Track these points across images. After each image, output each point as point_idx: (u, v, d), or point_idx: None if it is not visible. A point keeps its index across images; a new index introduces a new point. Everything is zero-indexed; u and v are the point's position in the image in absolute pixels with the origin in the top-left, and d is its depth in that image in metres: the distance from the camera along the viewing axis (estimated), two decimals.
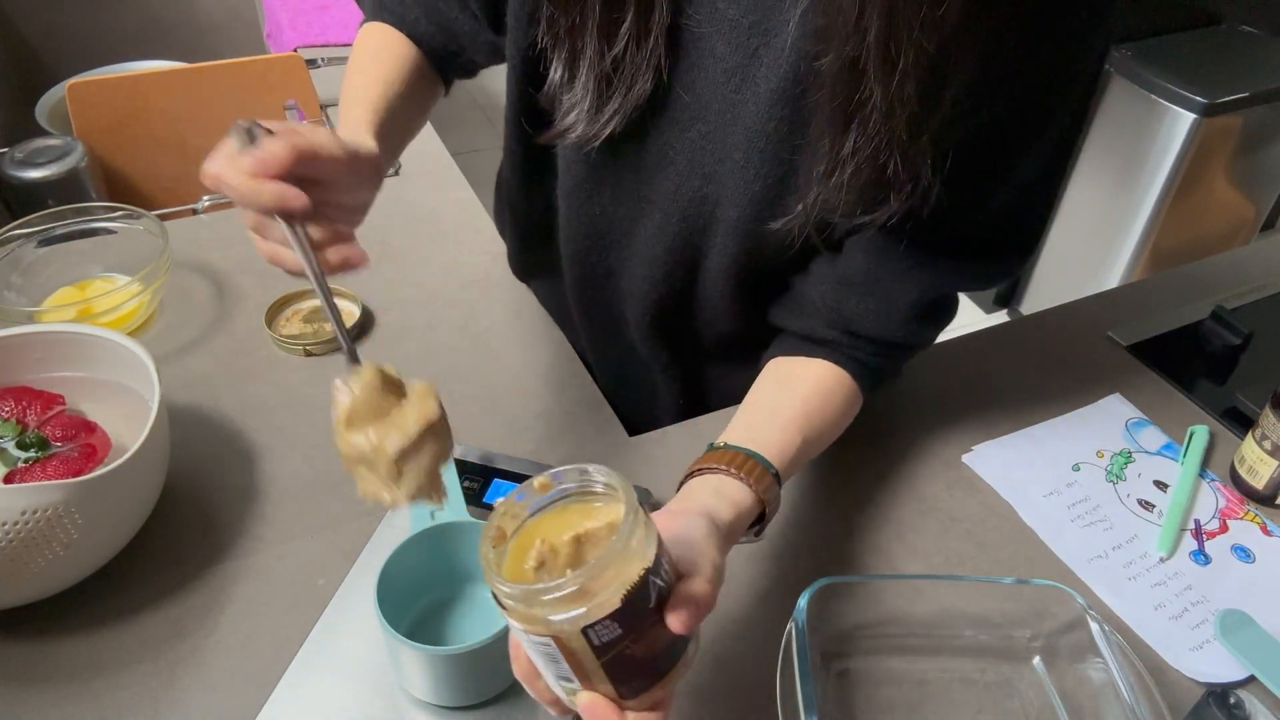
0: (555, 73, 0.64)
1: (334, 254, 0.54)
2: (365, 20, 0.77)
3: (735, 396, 0.85)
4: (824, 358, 0.68)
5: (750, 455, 0.58)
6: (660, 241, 0.72)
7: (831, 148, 0.57)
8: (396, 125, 0.68)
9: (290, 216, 0.51)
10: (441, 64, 0.77)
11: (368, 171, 0.59)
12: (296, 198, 0.50)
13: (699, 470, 0.58)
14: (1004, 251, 0.67)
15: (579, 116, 0.64)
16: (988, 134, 0.58)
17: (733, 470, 0.57)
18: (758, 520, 0.58)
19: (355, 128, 0.63)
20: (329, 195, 0.54)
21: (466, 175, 1.17)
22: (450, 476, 0.65)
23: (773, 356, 0.70)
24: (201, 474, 0.75)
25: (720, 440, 0.61)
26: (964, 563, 0.72)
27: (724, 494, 0.56)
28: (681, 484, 0.59)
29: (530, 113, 0.70)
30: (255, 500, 0.73)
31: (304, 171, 0.51)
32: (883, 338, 0.67)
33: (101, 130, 1.48)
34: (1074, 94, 0.59)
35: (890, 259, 0.64)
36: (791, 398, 0.66)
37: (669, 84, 0.64)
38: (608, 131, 0.64)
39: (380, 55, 0.72)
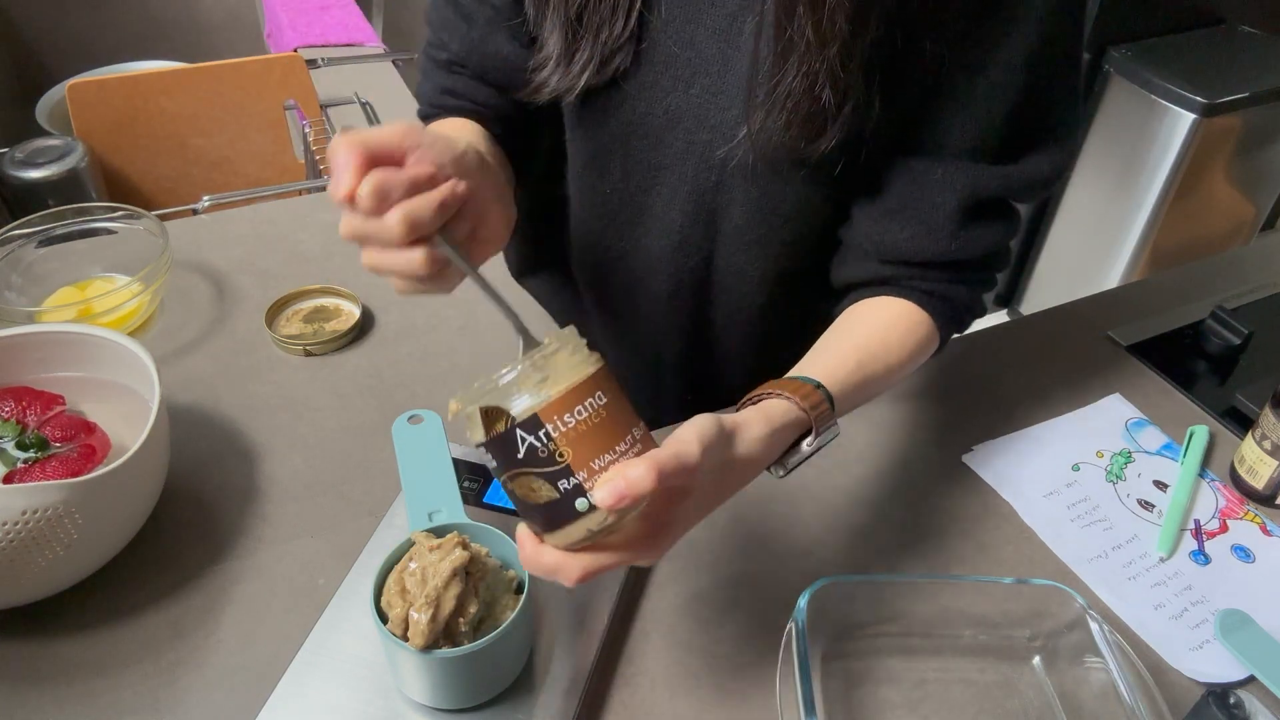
0: (531, 26, 0.66)
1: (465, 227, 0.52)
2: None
3: (742, 394, 0.86)
4: (888, 294, 0.68)
5: (793, 378, 0.58)
6: (676, 206, 0.72)
7: (772, 80, 0.59)
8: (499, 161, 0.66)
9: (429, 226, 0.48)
10: (511, 130, 0.74)
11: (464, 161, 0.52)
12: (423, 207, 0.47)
13: (741, 404, 0.59)
14: (1042, 148, 0.65)
15: (551, 68, 0.66)
16: (956, 45, 0.60)
17: (772, 392, 0.57)
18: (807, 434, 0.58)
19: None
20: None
21: None
22: (449, 478, 0.66)
23: (841, 311, 0.70)
24: (201, 474, 0.75)
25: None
26: (964, 563, 0.72)
27: (759, 408, 0.55)
28: None
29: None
30: (255, 500, 0.74)
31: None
32: (938, 257, 0.66)
33: (101, 130, 1.48)
34: None
35: (922, 177, 0.65)
36: (847, 332, 0.66)
37: (668, 42, 0.65)
38: (581, 83, 0.65)
39: (459, 126, 0.71)
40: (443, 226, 0.49)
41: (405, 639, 0.53)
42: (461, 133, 0.69)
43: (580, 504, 0.44)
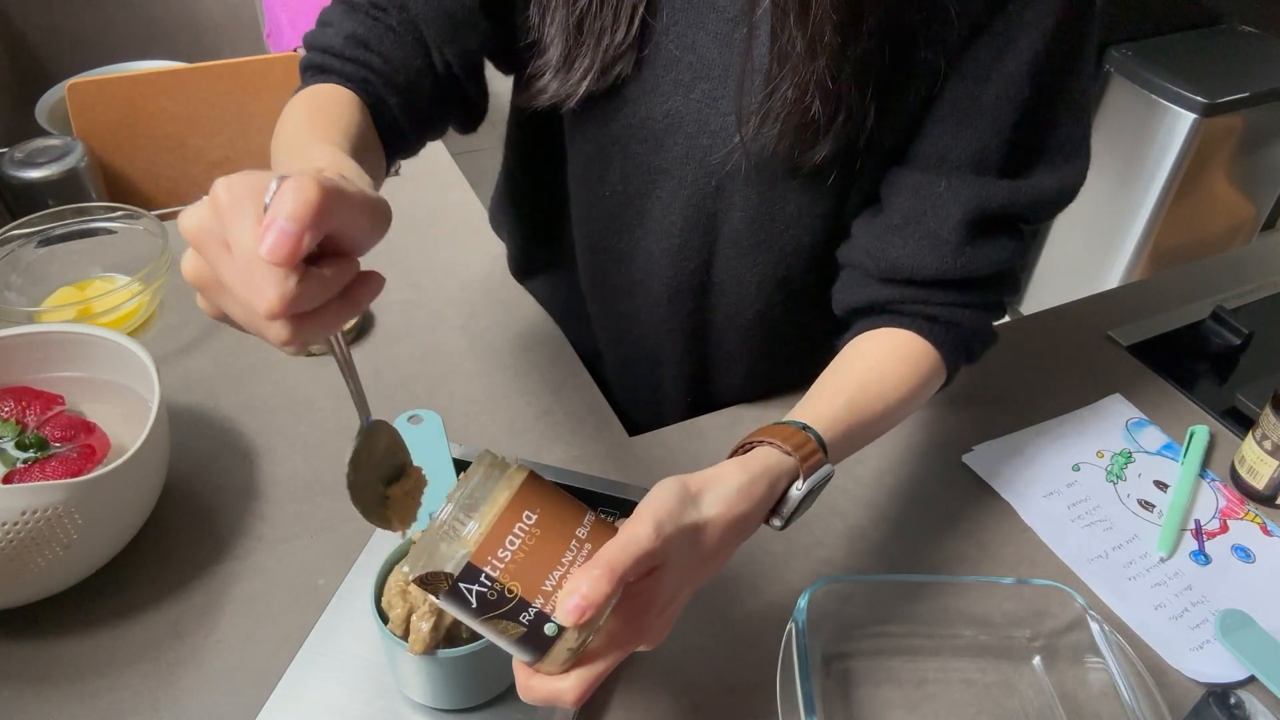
0: (532, 34, 0.65)
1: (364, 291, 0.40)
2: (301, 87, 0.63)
3: (742, 395, 0.86)
4: (890, 325, 0.65)
5: (779, 423, 0.55)
6: (675, 210, 0.72)
7: (766, 88, 0.59)
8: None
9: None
10: (400, 110, 0.63)
11: (385, 221, 0.42)
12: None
13: (730, 455, 0.55)
14: (1049, 165, 0.64)
15: (550, 75, 0.65)
16: (955, 56, 0.59)
17: (755, 441, 0.54)
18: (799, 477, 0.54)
19: (345, 164, 0.46)
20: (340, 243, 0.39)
21: (466, 175, 1.17)
22: (449, 477, 0.66)
23: (842, 345, 0.67)
24: (201, 474, 0.75)
25: None
26: (964, 563, 0.72)
27: (736, 459, 0.52)
28: None
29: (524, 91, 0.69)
30: (255, 500, 0.73)
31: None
32: (942, 274, 0.63)
33: (101, 130, 1.48)
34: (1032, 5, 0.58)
35: (926, 190, 0.63)
36: (841, 370, 0.63)
37: (670, 46, 0.64)
38: (581, 90, 0.64)
39: (334, 107, 0.58)
40: None
41: (406, 639, 0.53)
42: (343, 120, 0.56)
43: (549, 629, 0.43)
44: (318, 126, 0.54)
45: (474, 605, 0.43)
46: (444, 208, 1.11)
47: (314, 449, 0.78)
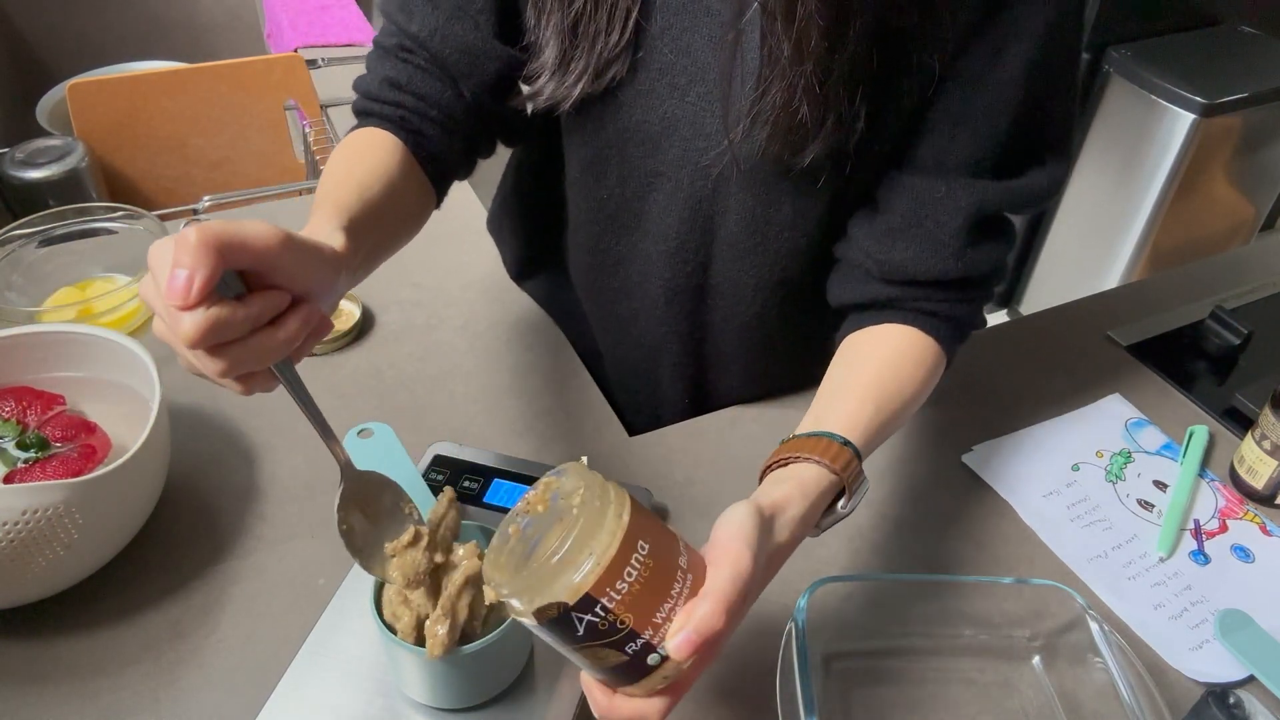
0: (529, 36, 0.66)
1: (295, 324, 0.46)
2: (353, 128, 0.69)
3: (740, 396, 0.86)
4: (891, 321, 0.66)
5: (818, 435, 0.56)
6: (672, 213, 0.72)
7: (757, 91, 0.60)
8: (373, 225, 0.58)
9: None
10: (437, 147, 0.68)
11: (321, 263, 0.49)
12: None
13: (769, 467, 0.57)
14: (1041, 161, 0.65)
15: (546, 77, 0.66)
16: (950, 59, 0.60)
17: (801, 456, 0.55)
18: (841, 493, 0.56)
19: (319, 225, 0.53)
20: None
21: None
22: (418, 485, 0.66)
23: (843, 338, 0.68)
24: (201, 474, 0.75)
25: (790, 436, 0.60)
26: (964, 563, 0.72)
27: (787, 479, 0.53)
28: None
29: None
30: (255, 500, 0.74)
31: (239, 265, 0.43)
32: (943, 276, 0.65)
33: (102, 130, 1.48)
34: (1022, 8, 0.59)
35: (925, 195, 0.64)
36: (858, 371, 0.64)
37: (665, 50, 0.64)
38: (576, 92, 0.65)
39: (360, 157, 0.64)
40: None
41: (417, 644, 0.53)
42: (361, 171, 0.61)
43: (653, 659, 0.43)
44: (334, 184, 0.60)
45: (580, 633, 0.42)
46: (444, 208, 1.10)
47: (314, 449, 0.78)
